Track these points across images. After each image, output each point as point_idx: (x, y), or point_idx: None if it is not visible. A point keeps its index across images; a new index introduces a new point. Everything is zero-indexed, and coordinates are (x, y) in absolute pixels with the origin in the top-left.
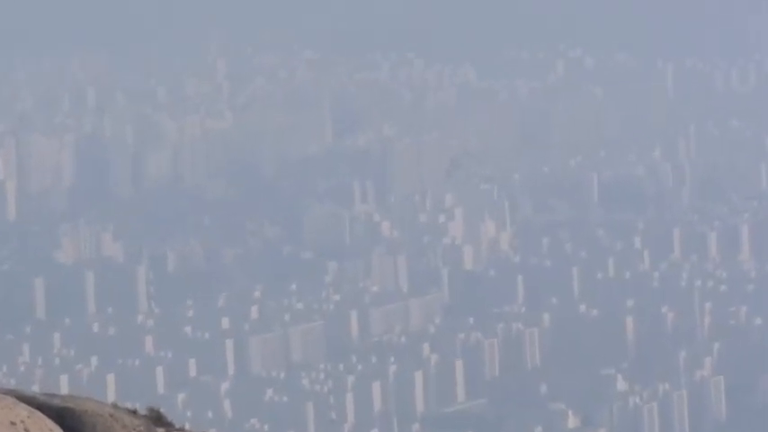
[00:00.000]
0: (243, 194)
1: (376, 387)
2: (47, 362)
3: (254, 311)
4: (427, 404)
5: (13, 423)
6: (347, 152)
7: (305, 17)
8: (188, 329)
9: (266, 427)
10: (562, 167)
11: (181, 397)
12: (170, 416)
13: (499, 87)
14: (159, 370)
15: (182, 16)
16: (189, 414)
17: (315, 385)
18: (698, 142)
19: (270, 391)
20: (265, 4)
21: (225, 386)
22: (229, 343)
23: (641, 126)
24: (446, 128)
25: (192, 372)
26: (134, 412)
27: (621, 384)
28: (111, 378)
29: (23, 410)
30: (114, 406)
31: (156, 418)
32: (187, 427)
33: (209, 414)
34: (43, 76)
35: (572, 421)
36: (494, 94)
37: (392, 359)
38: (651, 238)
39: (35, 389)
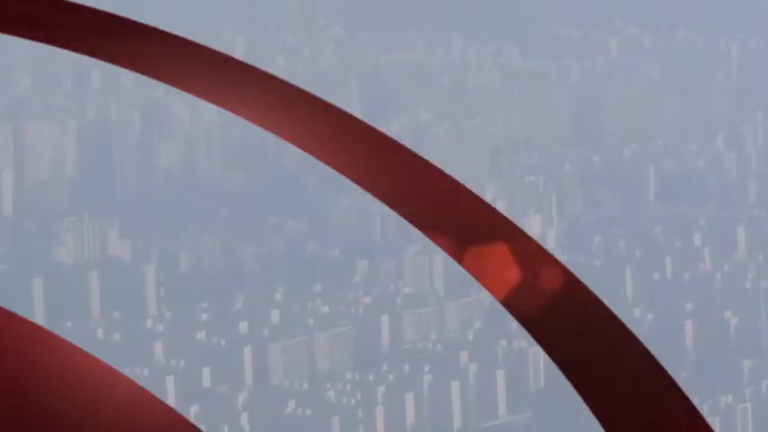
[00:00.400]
0: (263, 186)
1: (409, 399)
2: None
3: (274, 315)
4: (465, 418)
5: None
6: None
7: None
8: (202, 335)
9: None
10: (615, 157)
11: (194, 409)
12: None
13: (546, 68)
14: (170, 380)
15: None
16: (203, 428)
17: (341, 397)
18: (766, 130)
19: (292, 404)
20: None
21: (242, 398)
22: (247, 350)
23: (703, 112)
24: (488, 113)
25: (207, 382)
26: None
27: None
28: None
29: None
30: None
31: None
32: None
33: (225, 428)
34: (41, 55)
35: None
36: (540, 76)
37: (427, 368)
38: (713, 236)
39: None
